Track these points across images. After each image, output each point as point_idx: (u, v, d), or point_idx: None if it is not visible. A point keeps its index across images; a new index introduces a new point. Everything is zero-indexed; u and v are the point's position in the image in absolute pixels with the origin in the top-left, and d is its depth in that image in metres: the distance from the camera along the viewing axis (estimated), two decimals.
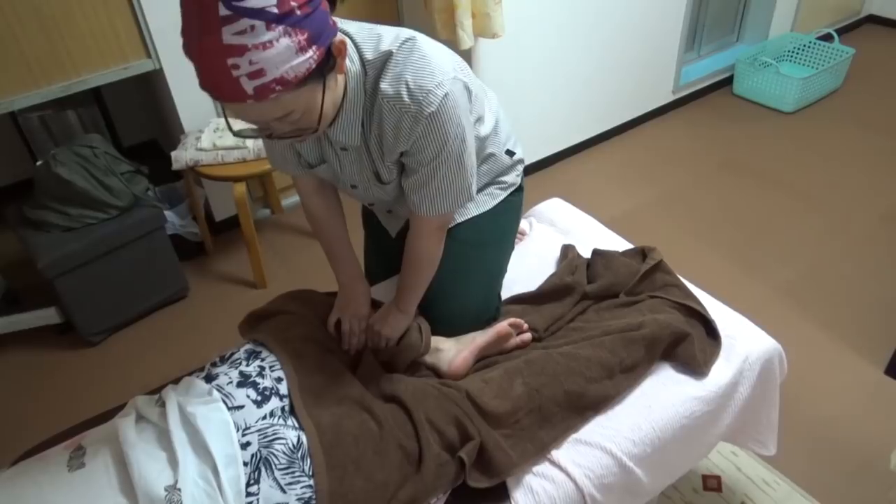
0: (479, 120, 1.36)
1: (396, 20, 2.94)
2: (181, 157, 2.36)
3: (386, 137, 1.16)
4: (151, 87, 2.74)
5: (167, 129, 2.84)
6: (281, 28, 0.89)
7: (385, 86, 1.10)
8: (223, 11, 0.86)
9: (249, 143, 2.35)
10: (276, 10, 0.88)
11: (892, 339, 2.04)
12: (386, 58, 1.11)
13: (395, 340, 1.40)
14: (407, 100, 1.09)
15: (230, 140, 2.35)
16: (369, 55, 1.11)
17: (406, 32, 1.14)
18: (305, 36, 0.92)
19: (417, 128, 1.12)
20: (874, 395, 2.00)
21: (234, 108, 0.97)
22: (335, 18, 1.11)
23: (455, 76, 1.14)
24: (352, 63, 1.11)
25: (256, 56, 0.89)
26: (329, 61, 1.00)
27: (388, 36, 1.13)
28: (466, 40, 2.41)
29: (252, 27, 0.87)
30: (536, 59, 2.86)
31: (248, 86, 0.91)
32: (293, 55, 0.92)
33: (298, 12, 0.90)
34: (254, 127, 1.05)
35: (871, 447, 1.84)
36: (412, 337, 1.40)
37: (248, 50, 0.88)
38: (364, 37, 1.13)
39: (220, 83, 0.91)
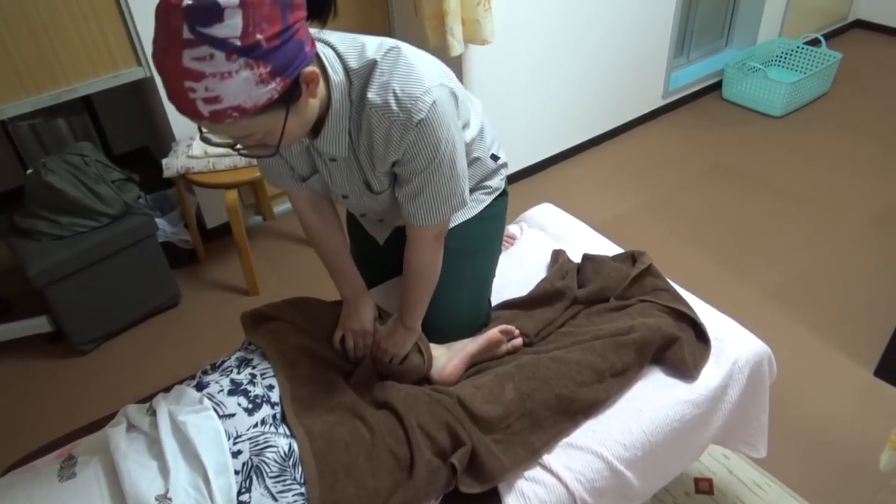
0: (466, 125, 1.37)
1: (386, 28, 2.95)
2: (172, 164, 2.36)
3: (376, 147, 1.16)
4: (142, 94, 2.74)
5: (158, 137, 2.84)
6: (242, 60, 0.88)
7: (372, 95, 1.10)
8: (187, 34, 0.86)
9: None
10: (238, 43, 0.87)
11: (880, 341, 2.06)
12: (371, 67, 1.11)
13: (401, 357, 1.40)
14: (395, 108, 1.09)
15: (221, 147, 2.34)
16: (353, 64, 1.11)
17: (389, 42, 1.14)
18: (268, 69, 0.91)
19: (408, 136, 1.11)
20: (863, 397, 2.02)
21: (196, 120, 0.97)
22: (313, 31, 1.10)
23: (442, 83, 1.14)
24: (335, 74, 1.10)
25: (213, 84, 0.88)
26: (295, 91, 0.99)
27: (372, 45, 1.13)
28: (457, 47, 2.42)
29: (212, 55, 0.86)
30: (527, 64, 2.88)
31: (204, 109, 0.91)
32: (252, 87, 0.91)
33: (265, 45, 0.89)
34: (225, 139, 1.05)
35: (861, 448, 1.86)
36: (414, 360, 1.40)
37: (206, 77, 0.87)
38: (347, 46, 1.13)
39: (178, 99, 0.91)
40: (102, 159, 2.31)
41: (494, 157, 1.53)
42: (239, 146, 1.06)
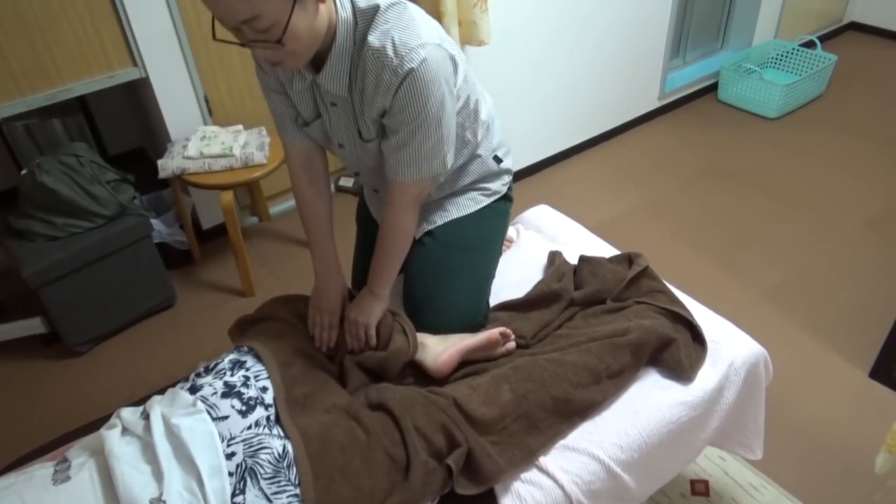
0: (466, 106, 1.39)
1: None
2: (168, 165, 2.35)
3: (367, 90, 1.21)
4: (138, 95, 2.73)
5: (154, 138, 2.83)
6: None
7: (372, 38, 1.16)
8: None
9: (236, 151, 2.34)
10: None
11: (876, 343, 2.06)
12: (376, 10, 1.17)
13: (372, 328, 1.41)
14: (391, 53, 1.15)
15: (217, 148, 2.34)
16: (362, 4, 1.18)
17: None
18: None
19: (397, 84, 1.17)
20: (859, 399, 2.02)
21: (208, 3, 1.01)
22: None
23: (440, 44, 1.20)
24: (343, 10, 1.17)
25: None
26: None
27: None
28: None
29: None
30: (523, 66, 2.88)
31: None
32: None
33: None
34: (235, 38, 1.10)
35: (857, 450, 1.86)
36: (398, 341, 1.40)
37: None
38: None
39: None
40: (97, 160, 2.30)
41: (497, 160, 1.54)
42: (245, 41, 1.10)
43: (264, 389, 1.22)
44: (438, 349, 1.41)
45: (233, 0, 1.00)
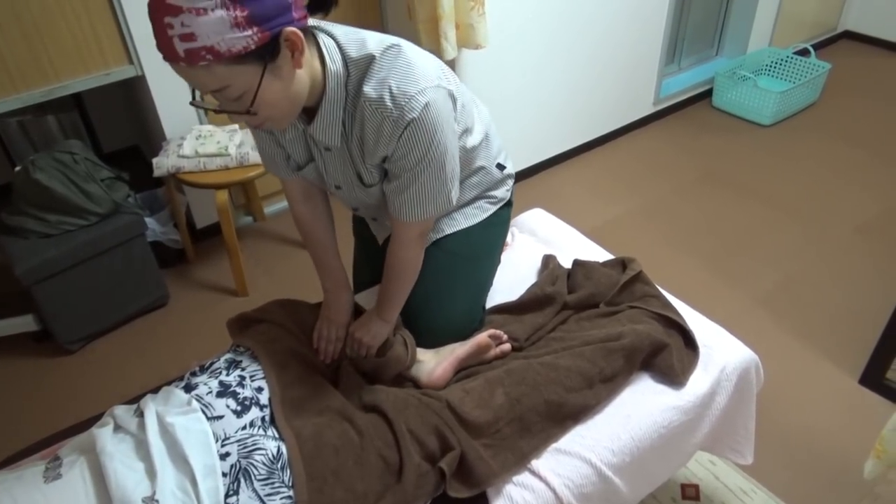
0: (468, 131, 1.37)
1: (380, 30, 2.95)
2: (163, 163, 2.34)
3: (367, 140, 1.18)
4: (133, 92, 2.73)
5: (149, 136, 2.82)
6: None
7: (368, 89, 1.12)
8: None
9: (232, 150, 2.34)
10: None
11: (866, 349, 2.08)
12: (370, 60, 1.13)
13: (375, 349, 1.40)
14: (389, 104, 1.11)
15: (212, 147, 2.34)
16: (353, 54, 1.13)
17: (391, 39, 1.16)
18: (245, 13, 0.93)
19: (398, 133, 1.13)
20: (849, 405, 2.03)
21: (177, 71, 0.99)
22: (318, 22, 1.14)
23: (439, 84, 1.15)
24: (333, 63, 1.12)
25: (189, 19, 0.91)
26: (273, 50, 1.00)
27: (373, 40, 1.15)
28: (450, 51, 2.43)
29: None
30: (519, 70, 2.89)
31: (180, 47, 0.93)
32: (227, 28, 0.93)
33: None
34: (213, 102, 1.07)
35: (846, 456, 1.87)
36: (398, 350, 1.40)
37: (182, 12, 0.91)
38: (348, 38, 1.15)
39: (158, 39, 0.95)
40: (92, 157, 2.30)
41: (500, 167, 1.54)
42: (222, 108, 1.07)
43: (260, 390, 1.22)
44: (431, 365, 1.41)
45: (198, 71, 0.97)
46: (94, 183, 2.23)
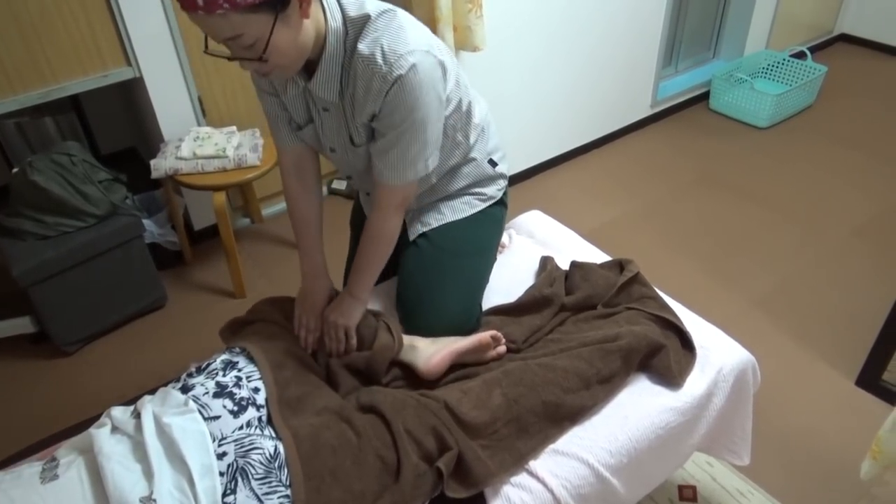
0: (458, 110, 1.41)
1: None
2: (161, 165, 2.34)
3: (357, 96, 1.24)
4: (131, 94, 2.73)
5: (146, 138, 2.82)
6: None
7: (362, 46, 1.19)
8: None
9: (230, 152, 2.34)
10: None
11: (862, 351, 2.08)
12: (366, 20, 1.20)
13: (352, 330, 1.42)
14: (380, 61, 1.18)
15: (210, 149, 2.34)
16: (352, 13, 1.21)
17: (389, 5, 1.23)
18: None
19: (386, 90, 1.19)
20: (845, 406, 2.04)
21: (194, 20, 1.06)
22: None
23: (429, 51, 1.22)
24: (333, 20, 1.19)
25: None
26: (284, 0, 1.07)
27: (372, 3, 1.23)
28: None
29: None
30: (517, 72, 2.89)
31: None
32: None
33: None
34: (225, 51, 1.13)
35: (843, 457, 1.88)
36: (383, 338, 1.41)
37: None
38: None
39: None
40: (89, 159, 2.29)
41: (493, 163, 1.55)
42: (234, 56, 1.14)
43: (256, 390, 1.22)
44: (430, 351, 1.41)
45: (215, 19, 1.03)
46: (92, 185, 2.23)
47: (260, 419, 1.18)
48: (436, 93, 1.25)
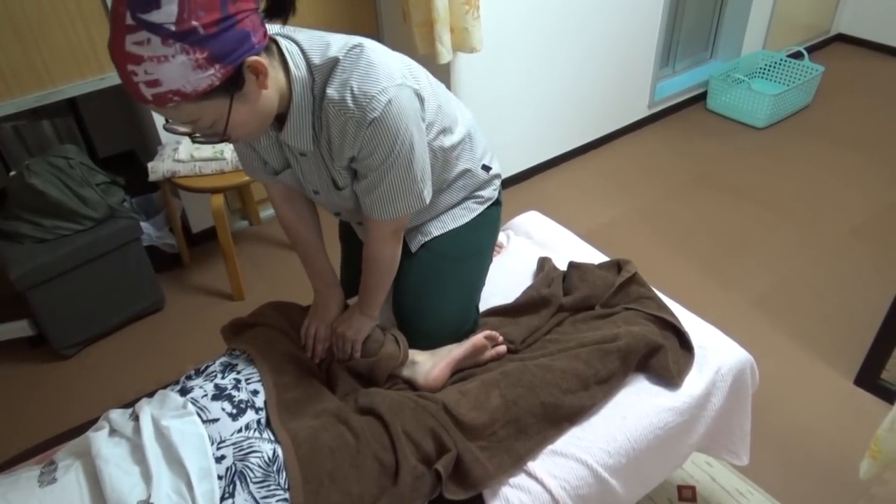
0: (446, 131, 1.38)
1: (375, 35, 2.96)
2: (158, 168, 2.34)
3: (334, 142, 1.20)
4: (128, 97, 2.72)
5: (144, 140, 2.82)
6: (178, 45, 0.92)
7: (331, 91, 1.13)
8: (129, 20, 0.91)
9: (227, 154, 2.34)
10: (173, 28, 0.91)
11: (861, 351, 2.08)
12: (333, 63, 1.14)
13: (359, 344, 1.41)
14: (351, 105, 1.12)
15: (208, 151, 2.34)
16: (316, 60, 1.14)
17: (355, 40, 1.17)
18: (205, 55, 0.94)
19: (362, 133, 1.15)
20: (844, 406, 2.04)
21: (152, 107, 1.01)
22: (281, 28, 1.15)
23: (402, 83, 1.16)
24: (297, 69, 1.13)
25: (152, 67, 0.93)
26: (238, 80, 1.01)
27: (337, 43, 1.16)
28: (445, 55, 2.44)
29: (149, 40, 0.91)
30: (515, 73, 2.89)
31: (147, 92, 0.96)
32: (189, 71, 0.95)
33: (201, 32, 0.93)
34: (186, 127, 1.08)
35: (842, 456, 1.88)
36: (389, 348, 1.41)
37: (144, 60, 0.92)
38: (312, 44, 1.16)
39: (125, 83, 0.96)
40: (87, 162, 2.29)
41: (486, 168, 1.54)
42: (195, 133, 1.09)
43: (255, 393, 1.22)
44: (428, 365, 1.41)
45: (169, 111, 1.00)
46: (90, 188, 2.23)
47: (259, 422, 1.18)
48: (415, 124, 1.21)
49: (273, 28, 1.13)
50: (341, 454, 1.16)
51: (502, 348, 1.47)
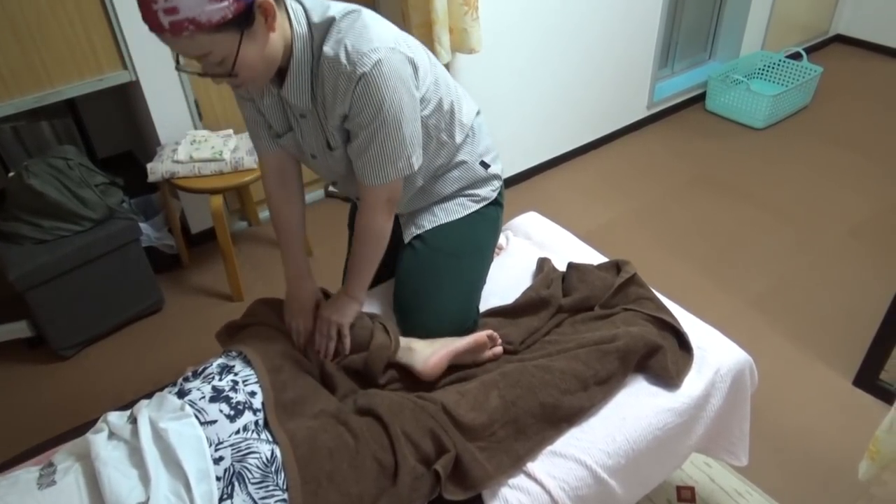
0: (442, 111, 1.41)
1: None
2: (157, 168, 2.34)
3: (327, 99, 1.25)
4: (127, 98, 2.72)
5: (143, 141, 2.82)
6: None
7: (327, 48, 1.20)
8: None
9: (226, 155, 2.34)
10: None
11: (860, 351, 2.09)
12: (330, 23, 1.21)
13: (346, 328, 1.42)
14: (344, 61, 1.19)
15: (207, 152, 2.34)
16: (316, 19, 1.22)
17: (353, 6, 1.24)
18: None
19: (351, 88, 1.20)
20: (843, 406, 2.04)
21: (163, 41, 1.08)
22: None
23: (394, 47, 1.22)
24: (299, 26, 1.21)
25: None
26: (248, 17, 1.09)
27: (337, 7, 1.24)
28: (444, 55, 2.44)
29: None
30: (513, 74, 2.90)
31: (164, 20, 1.03)
32: (206, 1, 1.03)
33: None
34: (196, 67, 1.16)
35: (840, 457, 1.88)
36: (380, 338, 1.41)
37: None
38: (314, 4, 1.24)
39: (144, 11, 1.04)
40: (86, 163, 2.29)
41: (484, 165, 1.54)
42: (206, 72, 1.16)
43: (253, 394, 1.22)
44: (427, 352, 1.41)
45: (183, 41, 1.06)
46: (89, 188, 2.22)
47: (256, 423, 1.18)
48: (405, 88, 1.25)
49: None
50: (340, 455, 1.16)
51: (499, 349, 1.47)
